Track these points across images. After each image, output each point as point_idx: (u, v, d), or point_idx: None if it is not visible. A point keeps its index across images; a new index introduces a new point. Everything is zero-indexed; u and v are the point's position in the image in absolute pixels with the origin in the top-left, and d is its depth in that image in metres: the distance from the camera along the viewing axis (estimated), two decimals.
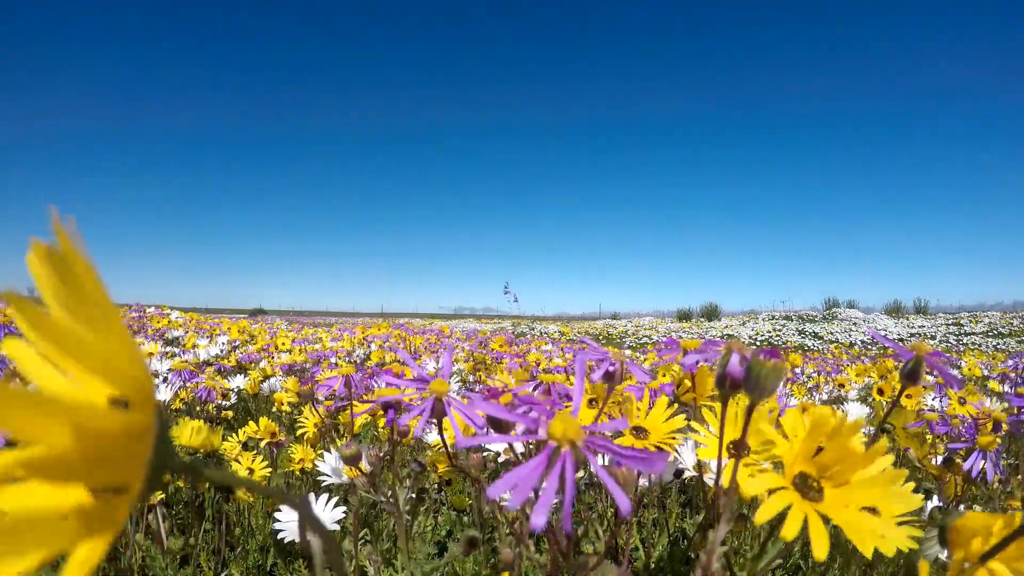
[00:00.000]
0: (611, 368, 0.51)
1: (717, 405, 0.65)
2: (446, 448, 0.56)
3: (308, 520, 0.24)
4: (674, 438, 0.64)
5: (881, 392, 1.73)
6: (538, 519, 0.26)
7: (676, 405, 0.68)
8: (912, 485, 0.39)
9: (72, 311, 0.19)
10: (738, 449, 0.40)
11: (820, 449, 0.37)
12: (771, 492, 0.35)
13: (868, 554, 0.34)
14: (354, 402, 1.24)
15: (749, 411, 0.40)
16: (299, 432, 1.34)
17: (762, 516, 0.33)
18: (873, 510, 0.36)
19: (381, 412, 1.13)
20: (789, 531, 0.32)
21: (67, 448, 0.18)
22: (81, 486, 0.19)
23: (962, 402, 1.27)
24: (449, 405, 0.50)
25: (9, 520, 0.18)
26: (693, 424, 0.63)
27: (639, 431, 0.65)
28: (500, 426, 0.42)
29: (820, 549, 0.31)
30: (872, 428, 1.11)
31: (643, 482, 0.84)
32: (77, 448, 0.18)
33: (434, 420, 0.50)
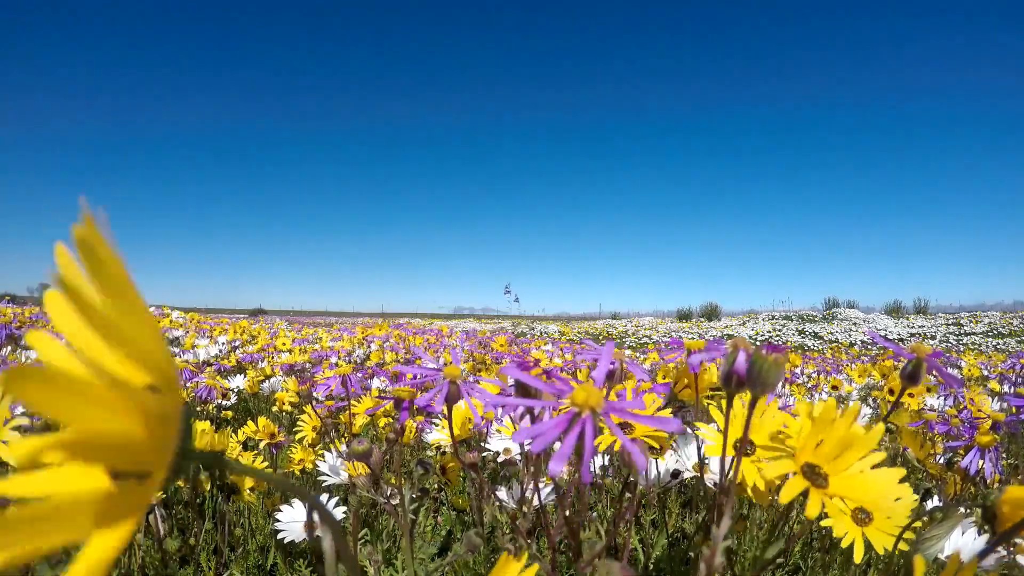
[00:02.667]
0: (610, 367, 0.52)
1: (719, 401, 0.65)
2: (452, 438, 0.57)
3: (322, 518, 0.24)
4: (657, 433, 0.64)
5: (892, 392, 1.74)
6: (555, 466, 0.28)
7: (661, 400, 0.69)
8: (903, 472, 0.41)
9: (103, 296, 0.19)
10: (742, 445, 0.40)
11: (823, 441, 0.39)
12: (786, 478, 0.36)
13: (872, 536, 0.36)
14: (364, 399, 1.24)
15: (751, 406, 0.41)
16: (298, 436, 1.35)
17: (785, 495, 0.35)
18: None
19: (390, 407, 1.13)
20: (812, 511, 0.34)
21: (115, 428, 0.18)
22: (101, 473, 0.19)
23: (970, 403, 1.27)
24: (463, 389, 0.53)
25: (27, 509, 0.17)
26: (698, 424, 0.64)
27: (624, 427, 0.65)
28: (527, 392, 0.43)
29: (840, 527, 0.33)
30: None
31: (642, 482, 0.85)
32: (123, 429, 0.18)
33: (444, 411, 0.52)
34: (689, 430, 0.79)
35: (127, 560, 1.11)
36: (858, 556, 0.36)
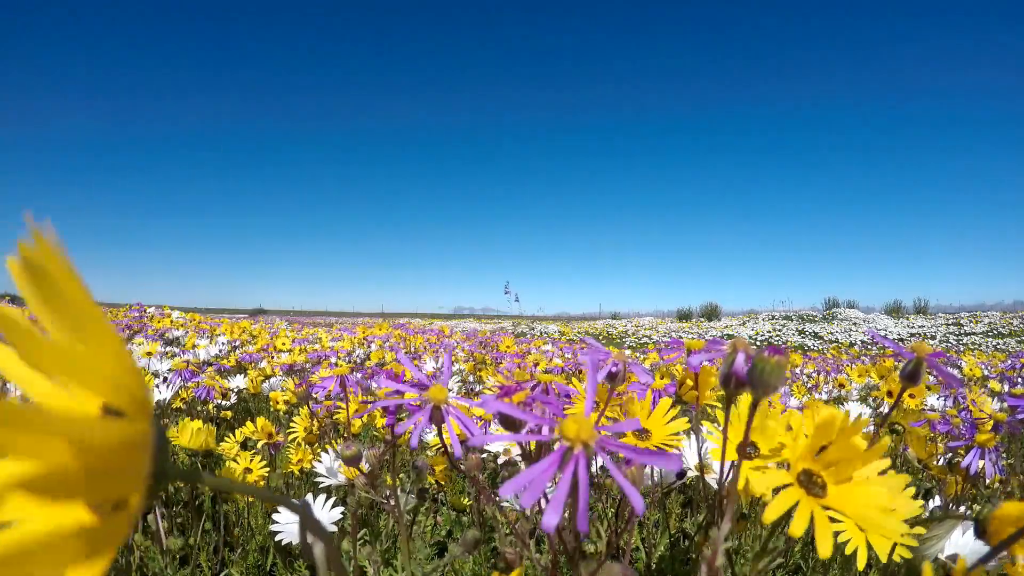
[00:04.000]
0: (613, 369, 0.51)
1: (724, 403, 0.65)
2: (446, 450, 0.56)
3: (309, 524, 0.24)
4: (675, 439, 0.64)
5: (890, 394, 1.74)
6: (550, 519, 0.26)
7: (678, 407, 0.68)
8: (908, 479, 0.40)
9: (56, 319, 0.18)
10: (743, 448, 0.40)
11: (824, 448, 0.38)
12: (777, 490, 0.35)
13: (873, 541, 0.34)
14: (352, 403, 1.24)
15: (752, 408, 0.41)
16: (290, 437, 1.34)
17: (770, 514, 0.33)
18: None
19: (381, 412, 1.13)
20: (796, 528, 0.33)
21: (65, 464, 0.17)
22: (77, 504, 0.18)
23: (972, 403, 1.27)
24: (447, 413, 0.49)
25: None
26: (705, 423, 0.64)
27: (642, 432, 0.65)
28: (512, 424, 0.42)
29: (824, 547, 0.31)
30: (874, 427, 1.11)
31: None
32: (75, 463, 0.17)
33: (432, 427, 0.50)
34: (690, 430, 0.78)
35: (124, 560, 1.10)
36: (861, 563, 0.36)
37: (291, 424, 1.35)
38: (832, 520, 0.34)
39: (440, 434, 0.51)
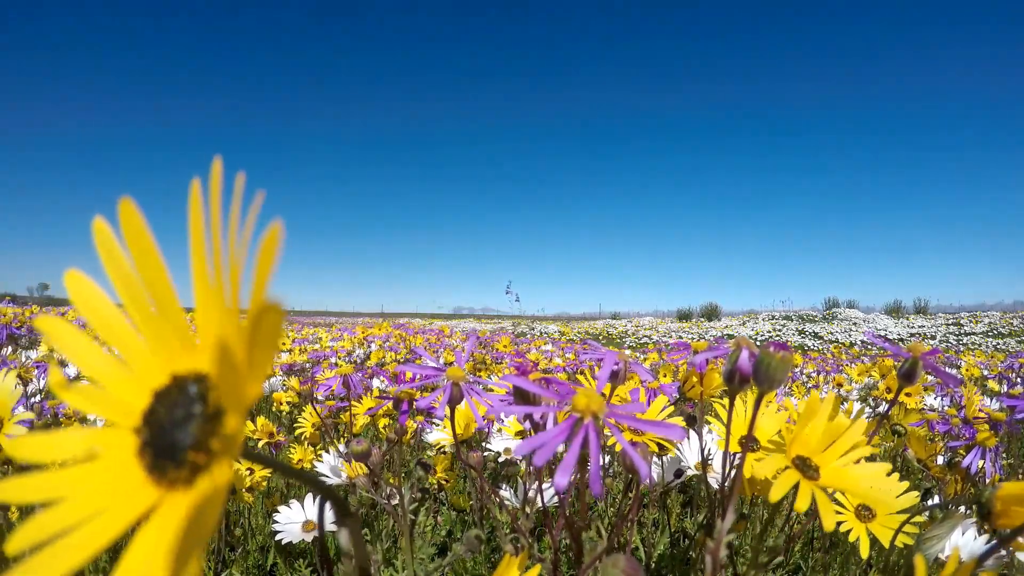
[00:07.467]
0: (615, 367, 0.52)
1: (726, 400, 0.66)
2: (455, 436, 0.56)
3: (336, 508, 0.24)
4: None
5: (889, 390, 1.74)
6: (560, 479, 0.27)
7: (673, 406, 0.69)
8: (890, 466, 0.42)
9: (135, 290, 0.20)
10: (747, 441, 0.41)
11: (813, 436, 0.40)
12: (779, 473, 0.36)
13: (875, 531, 0.35)
14: (363, 400, 1.24)
15: (757, 402, 0.42)
16: (297, 432, 1.34)
17: (776, 493, 0.35)
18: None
19: (390, 407, 1.13)
20: (801, 504, 0.34)
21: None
22: (136, 466, 0.18)
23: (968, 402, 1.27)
24: (467, 390, 0.52)
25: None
26: (708, 418, 0.64)
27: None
28: (526, 399, 0.43)
29: (828, 520, 0.33)
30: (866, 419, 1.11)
31: (644, 482, 0.85)
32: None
33: (446, 412, 0.52)
34: (692, 429, 0.79)
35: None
36: (864, 551, 0.37)
37: (297, 422, 1.36)
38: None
39: (452, 415, 0.53)
